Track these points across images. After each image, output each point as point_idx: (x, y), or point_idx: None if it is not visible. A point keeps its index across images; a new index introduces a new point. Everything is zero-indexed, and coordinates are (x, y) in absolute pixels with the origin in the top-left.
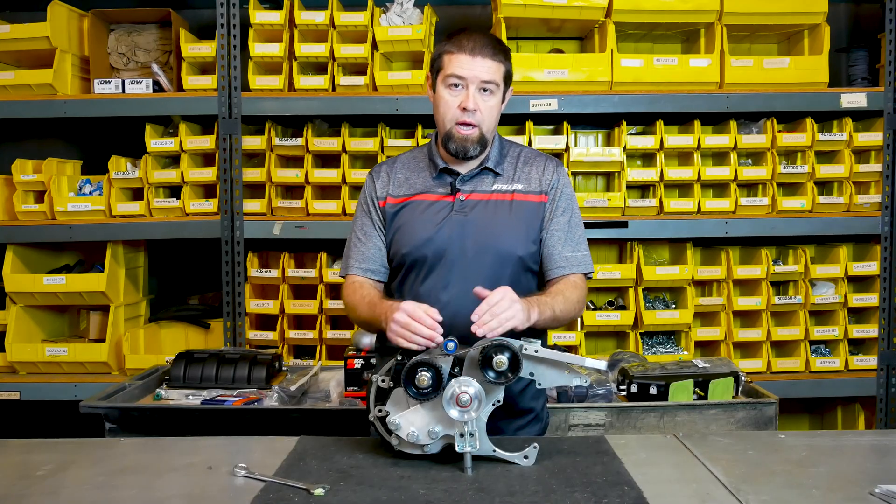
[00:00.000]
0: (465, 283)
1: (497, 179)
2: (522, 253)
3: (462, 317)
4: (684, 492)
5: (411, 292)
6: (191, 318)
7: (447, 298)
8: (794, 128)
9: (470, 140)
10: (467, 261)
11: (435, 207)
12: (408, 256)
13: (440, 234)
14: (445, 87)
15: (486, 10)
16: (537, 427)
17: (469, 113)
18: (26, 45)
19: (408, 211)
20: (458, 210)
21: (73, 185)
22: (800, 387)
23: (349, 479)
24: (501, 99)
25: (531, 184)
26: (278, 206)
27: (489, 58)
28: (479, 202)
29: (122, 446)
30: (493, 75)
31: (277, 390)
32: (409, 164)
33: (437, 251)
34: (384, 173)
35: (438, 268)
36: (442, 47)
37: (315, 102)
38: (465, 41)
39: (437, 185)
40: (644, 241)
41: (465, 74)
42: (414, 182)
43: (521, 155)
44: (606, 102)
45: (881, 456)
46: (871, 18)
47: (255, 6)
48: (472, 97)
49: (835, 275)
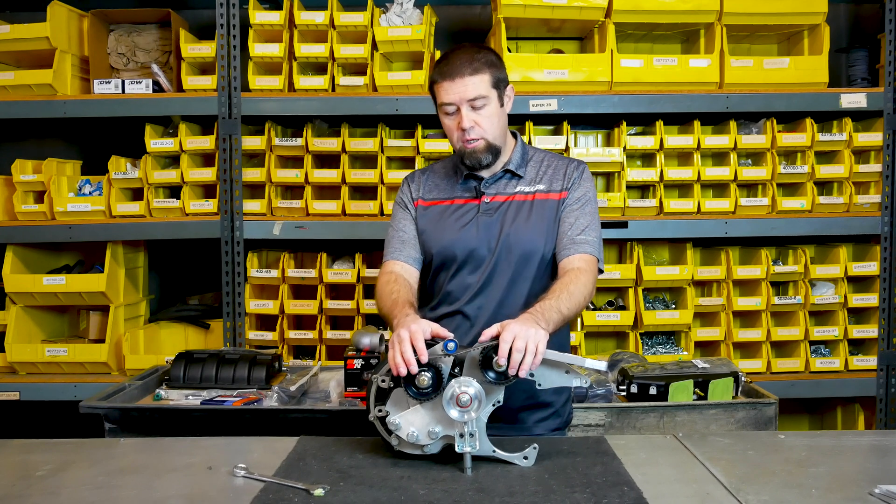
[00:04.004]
0: (491, 280)
1: (519, 182)
2: (545, 251)
3: (487, 312)
4: (684, 492)
5: (441, 289)
6: (191, 318)
7: (472, 295)
8: (793, 128)
9: (479, 150)
10: (493, 260)
11: (462, 210)
12: (437, 255)
13: (467, 234)
14: (444, 115)
15: (486, 10)
16: (557, 421)
17: (468, 131)
18: (26, 45)
19: (436, 214)
20: (484, 212)
21: (73, 185)
22: (800, 387)
23: (349, 480)
24: (500, 104)
25: (553, 184)
26: (278, 207)
27: (469, 76)
28: (503, 204)
29: (122, 446)
30: (478, 90)
31: (277, 390)
32: (440, 173)
33: (465, 251)
34: (417, 178)
35: (466, 267)
36: (431, 77)
37: (315, 102)
38: (445, 68)
39: (464, 191)
40: (644, 242)
41: (452, 100)
42: (443, 188)
43: (545, 159)
44: (606, 103)
45: (881, 456)
46: (871, 18)
47: (255, 6)
48: (465, 117)
49: (835, 275)
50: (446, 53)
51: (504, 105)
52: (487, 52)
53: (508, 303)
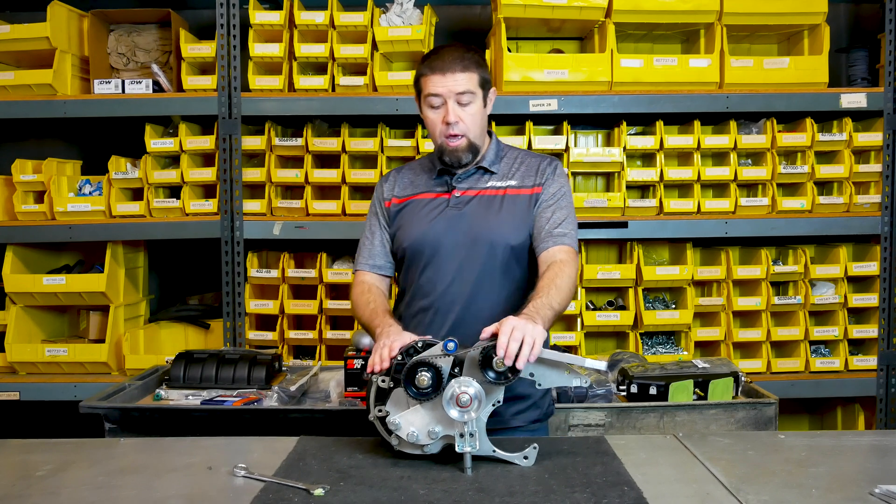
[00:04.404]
0: (461, 272)
1: (492, 177)
2: (514, 242)
3: (458, 304)
4: (684, 492)
5: (413, 283)
6: (191, 318)
7: (444, 287)
8: (793, 128)
9: (460, 149)
10: (462, 252)
11: (433, 204)
12: (408, 250)
13: (436, 228)
14: (428, 108)
15: (486, 10)
16: (536, 413)
17: (452, 126)
18: (26, 45)
19: (409, 209)
20: (453, 206)
21: (73, 185)
22: (800, 387)
23: (349, 479)
24: (483, 104)
25: (525, 180)
26: (278, 207)
27: (459, 72)
28: (473, 198)
29: (122, 446)
30: (466, 86)
31: (277, 390)
32: (415, 169)
33: (433, 244)
34: (392, 178)
35: (436, 259)
36: (419, 71)
37: (315, 102)
38: (435, 62)
39: (436, 185)
40: (644, 242)
41: (440, 91)
42: (417, 184)
43: (519, 156)
44: (606, 103)
45: (881, 456)
46: (871, 18)
47: (255, 6)
48: (451, 111)
49: (835, 275)
50: (435, 49)
51: (486, 106)
52: (476, 53)
53: (480, 296)
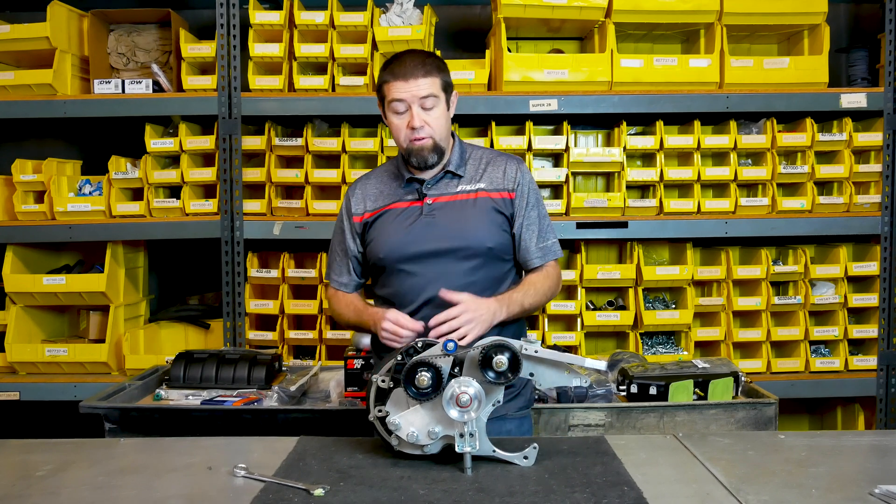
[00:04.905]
0: (441, 279)
1: (460, 181)
2: (492, 244)
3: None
4: (684, 492)
5: (392, 293)
6: (191, 318)
7: (426, 296)
8: (793, 128)
9: (426, 149)
10: (440, 258)
11: (406, 213)
12: (384, 260)
13: (411, 236)
14: (392, 113)
15: (486, 10)
16: (521, 401)
17: (418, 130)
18: (26, 45)
19: (382, 220)
20: (427, 213)
21: (73, 185)
22: (800, 387)
23: (349, 480)
24: (446, 107)
25: (494, 182)
26: (278, 207)
27: (422, 77)
28: (446, 204)
29: (122, 447)
30: (429, 90)
31: (277, 390)
32: (382, 178)
33: (410, 253)
34: (358, 191)
35: (413, 268)
36: (381, 78)
37: (315, 102)
38: (397, 68)
39: (407, 194)
40: (644, 242)
41: (403, 97)
42: (387, 194)
43: (483, 157)
44: (606, 102)
45: (881, 456)
46: (871, 18)
47: (255, 6)
48: (416, 115)
49: (835, 275)
50: (396, 56)
51: (450, 109)
52: (435, 58)
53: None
